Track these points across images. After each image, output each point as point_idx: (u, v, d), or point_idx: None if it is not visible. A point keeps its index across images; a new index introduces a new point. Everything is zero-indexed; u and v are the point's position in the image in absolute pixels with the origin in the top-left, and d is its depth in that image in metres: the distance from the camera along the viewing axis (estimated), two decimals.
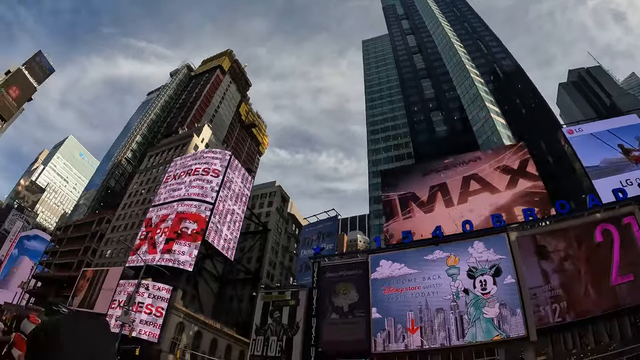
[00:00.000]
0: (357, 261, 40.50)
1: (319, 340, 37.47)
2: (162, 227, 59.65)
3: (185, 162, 69.03)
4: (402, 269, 36.19)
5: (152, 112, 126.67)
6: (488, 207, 38.01)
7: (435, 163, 43.27)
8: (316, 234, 55.66)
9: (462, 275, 33.05)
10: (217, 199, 60.25)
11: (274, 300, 44.93)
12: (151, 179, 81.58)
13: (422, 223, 40.19)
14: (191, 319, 54.07)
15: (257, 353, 42.76)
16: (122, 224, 77.29)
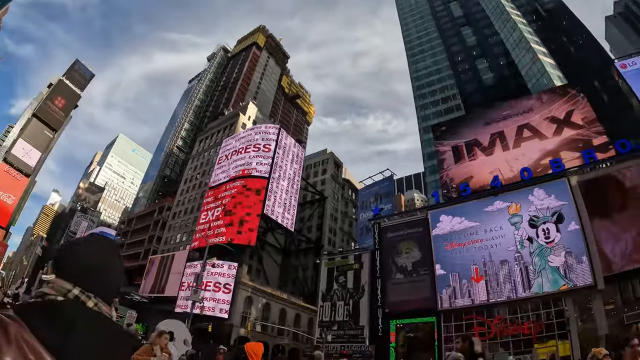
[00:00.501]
0: (417, 219, 40.13)
1: (385, 301, 37.71)
2: (221, 207, 61.50)
3: (235, 142, 70.15)
4: (462, 223, 35.65)
5: (196, 98, 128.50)
6: (538, 152, 36.92)
7: (495, 114, 41.95)
8: (373, 196, 55.72)
9: (525, 224, 32.16)
10: (271, 173, 61.01)
11: (338, 265, 45.45)
12: (204, 163, 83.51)
13: (481, 166, 39.45)
14: (258, 292, 55.67)
15: (325, 319, 43.63)
16: (182, 209, 79.81)
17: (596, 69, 51.37)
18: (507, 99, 44.58)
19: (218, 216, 60.99)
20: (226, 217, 59.36)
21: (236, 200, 60.01)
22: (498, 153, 39.54)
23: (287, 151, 66.37)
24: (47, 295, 1.05)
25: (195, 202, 75.59)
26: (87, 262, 1.12)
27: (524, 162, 36.41)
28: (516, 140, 39.00)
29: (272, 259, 66.02)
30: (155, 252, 76.40)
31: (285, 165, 64.83)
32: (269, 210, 58.59)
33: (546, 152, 36.52)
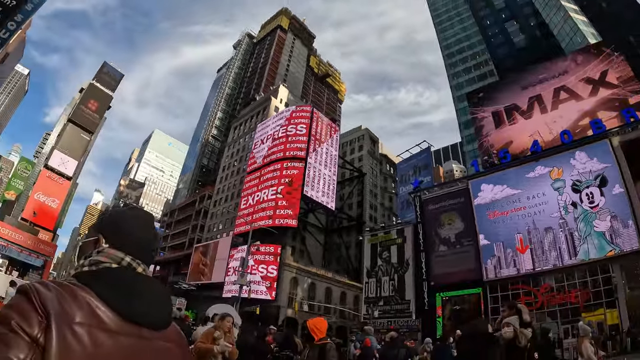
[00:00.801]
0: (458, 189, 39.61)
1: (429, 274, 37.52)
2: (261, 191, 62.42)
3: (269, 125, 70.86)
4: (504, 191, 34.97)
5: (226, 87, 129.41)
6: (576, 112, 36.07)
7: (530, 78, 40.83)
8: (411, 169, 55.49)
9: (568, 189, 31.26)
10: (307, 153, 61.48)
11: (381, 241, 45.52)
12: (240, 149, 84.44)
13: (521, 130, 38.76)
14: (303, 273, 56.50)
15: (371, 295, 43.94)
16: (222, 196, 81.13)
17: (630, 23, 49.51)
18: (542, 61, 43.43)
19: (258, 200, 61.88)
20: (266, 200, 60.21)
21: (275, 183, 60.74)
22: (537, 116, 38.83)
23: (321, 131, 66.51)
24: (101, 262, 1.19)
25: (235, 188, 76.72)
26: (133, 233, 1.31)
27: (562, 124, 35.70)
28: (553, 102, 38.20)
29: (314, 239, 66.73)
30: (200, 240, 78.15)
31: (321, 145, 65.09)
32: (309, 190, 59.21)
33: (584, 113, 35.75)
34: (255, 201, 62.44)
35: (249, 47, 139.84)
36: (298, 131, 64.28)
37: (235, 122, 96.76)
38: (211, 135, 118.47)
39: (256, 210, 60.73)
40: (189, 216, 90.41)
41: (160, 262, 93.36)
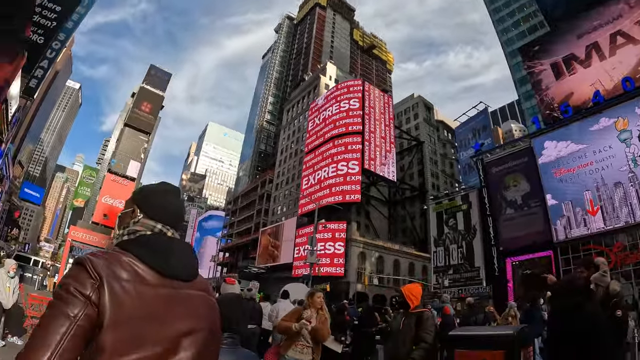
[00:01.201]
0: (521, 149, 38.70)
1: (498, 239, 37.08)
2: (321, 169, 63.43)
3: (321, 103, 71.35)
4: (569, 147, 33.68)
5: (274, 71, 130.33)
6: (634, 57, 34.21)
7: (585, 25, 39.14)
8: (470, 132, 54.67)
9: (635, 140, 29.65)
10: (364, 127, 61.58)
11: (446, 208, 45.31)
12: (296, 131, 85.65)
13: (581, 80, 37.36)
14: (370, 247, 57.21)
15: (439, 264, 43.98)
16: (283, 179, 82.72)
17: None
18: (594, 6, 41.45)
19: (319, 179, 62.93)
20: (327, 178, 61.11)
21: (334, 160, 61.45)
22: (596, 64, 37.28)
23: (375, 103, 66.25)
24: (138, 231, 1.57)
25: (295, 169, 78.04)
26: (162, 204, 1.69)
27: (622, 70, 34.22)
28: (611, 48, 36.51)
29: (378, 212, 67.17)
30: (265, 224, 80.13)
31: (376, 117, 64.89)
32: (369, 164, 59.47)
33: None
34: (317, 180, 63.53)
35: (290, 29, 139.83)
36: (351, 106, 64.39)
37: (287, 105, 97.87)
38: (265, 120, 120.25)
39: (318, 189, 61.73)
40: (252, 202, 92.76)
41: (229, 249, 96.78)
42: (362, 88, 65.72)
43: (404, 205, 70.82)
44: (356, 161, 58.95)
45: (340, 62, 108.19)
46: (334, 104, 66.84)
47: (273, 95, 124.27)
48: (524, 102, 58.42)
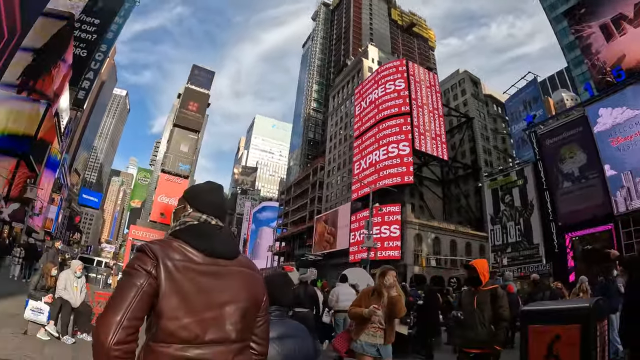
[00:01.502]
0: (574, 118, 37.61)
1: (556, 214, 36.63)
2: (372, 153, 63.67)
3: (366, 87, 71.46)
4: (624, 113, 32.56)
5: (315, 59, 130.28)
6: None
7: None
8: (520, 104, 53.62)
9: None
10: (411, 107, 61.28)
11: (501, 185, 44.96)
12: (343, 116, 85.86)
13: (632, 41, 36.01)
14: (426, 228, 57.25)
15: (497, 243, 43.63)
16: (334, 165, 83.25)
17: None
18: None
19: (371, 163, 63.24)
20: (378, 161, 61.38)
21: (384, 142, 61.56)
22: None
23: (420, 81, 65.77)
24: (187, 222, 1.98)
25: (345, 155, 78.37)
26: (207, 198, 2.12)
27: None
28: None
29: (432, 193, 66.85)
30: (319, 211, 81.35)
31: (422, 96, 64.47)
32: (419, 144, 59.38)
33: None
34: (368, 164, 63.85)
35: (327, 15, 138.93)
36: (396, 87, 64.17)
37: (332, 91, 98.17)
38: (311, 109, 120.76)
39: (370, 172, 62.01)
40: (305, 190, 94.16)
41: (285, 238, 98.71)
42: (406, 68, 65.27)
43: (458, 184, 70.13)
44: (406, 142, 58.90)
45: (381, 43, 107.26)
46: (379, 87, 66.82)
47: (317, 83, 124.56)
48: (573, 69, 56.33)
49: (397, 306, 5.01)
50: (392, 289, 5.13)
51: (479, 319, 5.20)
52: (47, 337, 7.80)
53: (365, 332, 5.17)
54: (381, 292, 5.17)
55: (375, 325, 5.14)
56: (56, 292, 8.32)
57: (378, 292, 5.24)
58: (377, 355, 5.09)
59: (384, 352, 5.13)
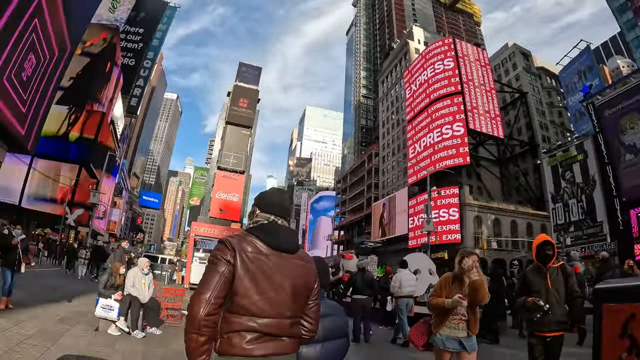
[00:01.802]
0: (632, 86, 35.75)
1: (619, 189, 35.35)
2: (426, 136, 63.46)
3: (415, 69, 71.26)
4: None
5: (360, 45, 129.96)
6: None
7: None
8: (575, 75, 52.15)
9: None
10: (462, 86, 60.66)
11: (560, 161, 43.97)
12: (394, 101, 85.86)
13: None
14: (485, 209, 56.72)
15: (559, 222, 42.67)
16: (389, 151, 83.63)
17: None
18: None
19: (425, 146, 63.11)
20: (433, 144, 61.16)
21: (437, 124, 61.26)
22: None
23: (469, 59, 64.93)
24: (259, 221, 2.36)
25: (400, 140, 78.44)
26: (272, 202, 2.63)
27: None
28: None
29: (489, 173, 66.01)
30: (376, 198, 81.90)
31: (473, 74, 63.62)
32: (473, 123, 58.87)
33: None
34: (423, 147, 63.75)
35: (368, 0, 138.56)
36: (446, 66, 63.71)
37: (380, 76, 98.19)
38: (361, 95, 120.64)
39: (426, 156, 61.89)
40: (361, 178, 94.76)
41: (343, 227, 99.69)
42: (454, 46, 64.70)
43: (516, 163, 68.65)
44: (460, 122, 58.53)
45: (425, 23, 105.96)
46: (427, 68, 66.53)
47: (364, 69, 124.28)
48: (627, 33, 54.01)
49: (479, 291, 4.64)
50: (472, 273, 4.77)
51: (555, 298, 5.01)
52: (117, 333, 8.41)
53: (447, 324, 4.83)
54: (462, 278, 4.84)
55: (457, 316, 4.81)
56: (125, 289, 8.86)
57: (458, 279, 4.89)
58: (460, 349, 4.75)
59: (468, 346, 4.76)
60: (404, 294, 11.07)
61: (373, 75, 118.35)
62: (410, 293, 11.26)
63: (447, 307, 4.65)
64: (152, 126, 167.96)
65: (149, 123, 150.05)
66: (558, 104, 70.86)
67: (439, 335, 4.81)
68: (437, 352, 4.86)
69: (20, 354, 5.72)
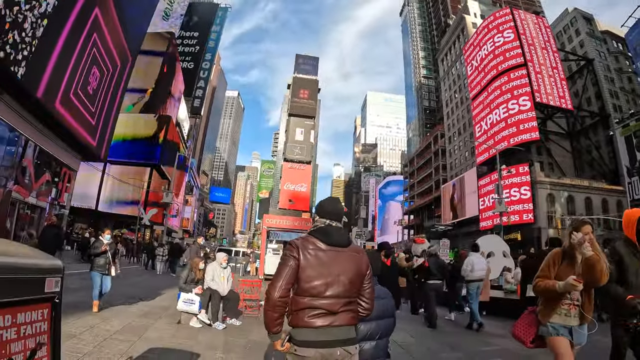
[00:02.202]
0: None
1: None
2: (491, 113, 62.30)
3: (474, 44, 70.31)
4: None
5: (415, 24, 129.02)
6: None
7: None
8: None
9: None
10: (525, 58, 58.83)
11: (635, 130, 42.06)
12: (456, 79, 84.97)
13: None
14: (557, 187, 54.89)
15: (636, 196, 41.03)
16: (454, 131, 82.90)
17: None
18: None
19: (492, 123, 61.98)
20: (499, 121, 59.98)
21: (502, 100, 59.93)
22: None
23: (529, 28, 62.75)
24: (317, 225, 3.01)
25: (465, 119, 77.60)
26: (328, 209, 3.20)
27: None
28: None
29: (560, 148, 63.51)
30: (445, 180, 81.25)
31: (534, 44, 61.34)
32: (540, 96, 56.80)
33: None
34: (489, 125, 62.67)
35: None
36: (506, 38, 62.11)
37: (440, 55, 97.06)
38: (422, 76, 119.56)
39: (493, 134, 60.84)
40: (427, 160, 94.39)
41: (412, 211, 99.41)
42: (512, 16, 62.85)
43: (587, 135, 65.10)
44: (526, 96, 56.80)
45: None
46: (487, 42, 65.31)
47: (422, 49, 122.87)
48: None
49: (595, 270, 4.11)
50: (586, 247, 4.18)
51: None
52: (199, 325, 8.91)
53: (557, 311, 4.36)
54: (573, 255, 4.35)
55: (568, 301, 4.31)
56: (205, 283, 9.40)
57: (569, 255, 4.40)
58: (570, 339, 4.27)
59: (578, 336, 4.31)
60: (476, 277, 11.20)
61: (432, 54, 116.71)
62: (481, 277, 11.43)
63: (559, 291, 4.17)
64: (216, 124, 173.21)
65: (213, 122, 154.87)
66: (627, 69, 66.69)
67: (549, 325, 4.35)
68: (552, 342, 4.34)
69: (109, 348, 6.19)
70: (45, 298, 2.09)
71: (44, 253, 2.22)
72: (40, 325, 2.06)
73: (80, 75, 19.65)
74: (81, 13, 18.14)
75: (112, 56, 23.51)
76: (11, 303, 1.84)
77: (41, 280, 2.05)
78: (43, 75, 16.25)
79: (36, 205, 24.63)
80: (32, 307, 2.00)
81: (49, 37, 15.95)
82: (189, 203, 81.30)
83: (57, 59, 16.89)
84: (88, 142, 22.75)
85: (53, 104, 17.65)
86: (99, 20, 20.48)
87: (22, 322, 1.93)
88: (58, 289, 2.16)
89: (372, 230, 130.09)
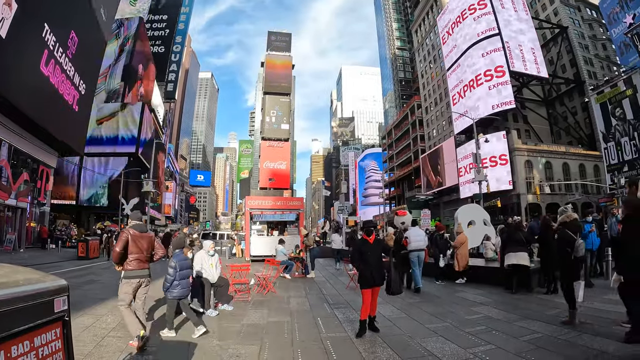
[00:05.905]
0: None
1: None
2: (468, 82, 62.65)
3: (448, 15, 70.51)
4: None
5: None
6: None
7: None
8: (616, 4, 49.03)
9: None
10: (499, 27, 59.03)
11: (610, 97, 42.95)
12: (430, 49, 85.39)
13: None
14: (535, 153, 56.22)
15: (612, 162, 41.97)
16: (431, 101, 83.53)
17: None
18: None
19: (468, 92, 62.53)
20: (476, 89, 60.49)
21: (479, 69, 60.39)
22: None
23: None
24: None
25: (441, 89, 78.24)
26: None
27: None
28: None
29: (536, 115, 65.11)
30: (424, 150, 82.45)
31: (508, 12, 61.39)
32: (514, 63, 57.43)
33: None
34: (465, 94, 63.29)
35: None
36: (479, 8, 62.33)
37: (414, 26, 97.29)
38: (396, 48, 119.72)
39: (469, 103, 61.18)
40: (405, 132, 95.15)
41: (393, 182, 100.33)
42: None
43: (562, 102, 66.57)
44: (501, 65, 57.56)
45: None
46: (462, 12, 65.75)
47: (396, 21, 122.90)
48: None
49: None
50: None
51: None
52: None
53: None
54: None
55: None
56: (193, 272, 9.04)
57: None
58: None
59: None
60: (413, 247, 12.29)
61: (406, 25, 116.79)
62: (418, 247, 12.39)
63: None
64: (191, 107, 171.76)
65: (188, 105, 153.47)
66: (601, 37, 67.41)
67: None
68: None
69: (108, 347, 6.26)
70: (56, 318, 2.25)
71: (48, 275, 2.41)
72: (55, 344, 2.22)
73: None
74: None
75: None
76: (27, 329, 2.01)
77: (50, 302, 2.20)
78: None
79: (17, 206, 24.56)
80: (46, 329, 2.17)
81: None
82: (169, 189, 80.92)
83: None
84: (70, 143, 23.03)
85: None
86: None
87: (39, 345, 2.09)
88: (66, 307, 2.32)
89: (354, 203, 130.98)
